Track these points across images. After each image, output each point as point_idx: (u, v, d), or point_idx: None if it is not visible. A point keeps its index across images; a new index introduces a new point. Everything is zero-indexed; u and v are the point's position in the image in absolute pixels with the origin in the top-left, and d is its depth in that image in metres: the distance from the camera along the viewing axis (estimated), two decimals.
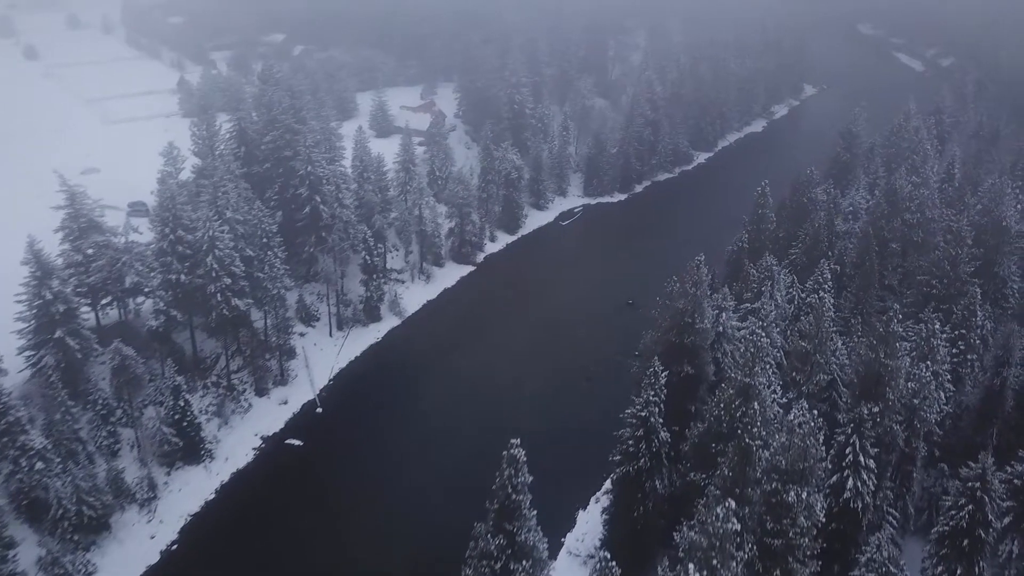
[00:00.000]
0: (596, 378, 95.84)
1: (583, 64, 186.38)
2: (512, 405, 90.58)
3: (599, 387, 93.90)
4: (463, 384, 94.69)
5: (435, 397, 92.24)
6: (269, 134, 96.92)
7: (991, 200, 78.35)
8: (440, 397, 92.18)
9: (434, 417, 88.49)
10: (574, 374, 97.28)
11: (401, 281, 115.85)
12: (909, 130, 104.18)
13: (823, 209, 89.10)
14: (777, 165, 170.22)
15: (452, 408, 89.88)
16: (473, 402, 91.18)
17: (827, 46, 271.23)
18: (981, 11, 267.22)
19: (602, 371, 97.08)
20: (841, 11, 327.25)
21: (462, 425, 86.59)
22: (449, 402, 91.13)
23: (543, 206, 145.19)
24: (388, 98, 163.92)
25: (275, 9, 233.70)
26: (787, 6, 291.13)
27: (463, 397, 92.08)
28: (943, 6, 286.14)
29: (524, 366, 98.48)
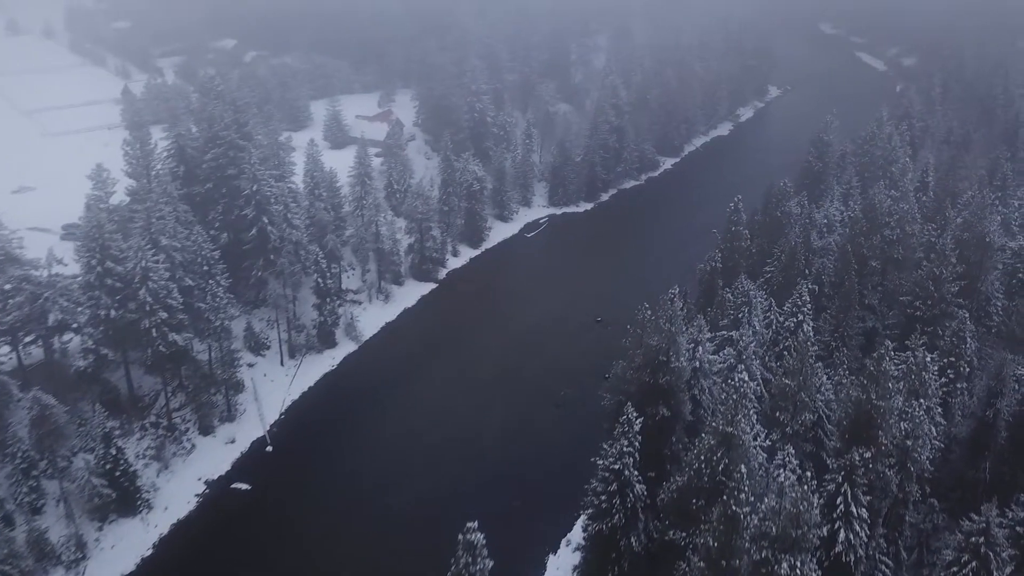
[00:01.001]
0: (565, 403, 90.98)
1: (545, 69, 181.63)
2: (478, 435, 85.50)
3: (569, 413, 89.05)
4: (425, 413, 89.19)
5: (394, 429, 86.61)
6: (211, 151, 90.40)
7: (973, 214, 74.97)
8: (400, 429, 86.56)
9: (393, 453, 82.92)
10: (542, 399, 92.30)
11: (358, 302, 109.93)
12: (882, 138, 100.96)
13: (798, 223, 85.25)
14: (745, 170, 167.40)
15: (413, 442, 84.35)
16: (436, 434, 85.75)
17: (790, 46, 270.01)
18: (940, 11, 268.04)
19: (571, 395, 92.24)
20: (802, 11, 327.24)
21: (424, 461, 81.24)
22: (410, 435, 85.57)
23: (507, 217, 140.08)
24: (344, 106, 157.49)
25: (226, 13, 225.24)
26: (749, 6, 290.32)
27: (425, 429, 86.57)
28: (902, 6, 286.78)
29: (489, 391, 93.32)
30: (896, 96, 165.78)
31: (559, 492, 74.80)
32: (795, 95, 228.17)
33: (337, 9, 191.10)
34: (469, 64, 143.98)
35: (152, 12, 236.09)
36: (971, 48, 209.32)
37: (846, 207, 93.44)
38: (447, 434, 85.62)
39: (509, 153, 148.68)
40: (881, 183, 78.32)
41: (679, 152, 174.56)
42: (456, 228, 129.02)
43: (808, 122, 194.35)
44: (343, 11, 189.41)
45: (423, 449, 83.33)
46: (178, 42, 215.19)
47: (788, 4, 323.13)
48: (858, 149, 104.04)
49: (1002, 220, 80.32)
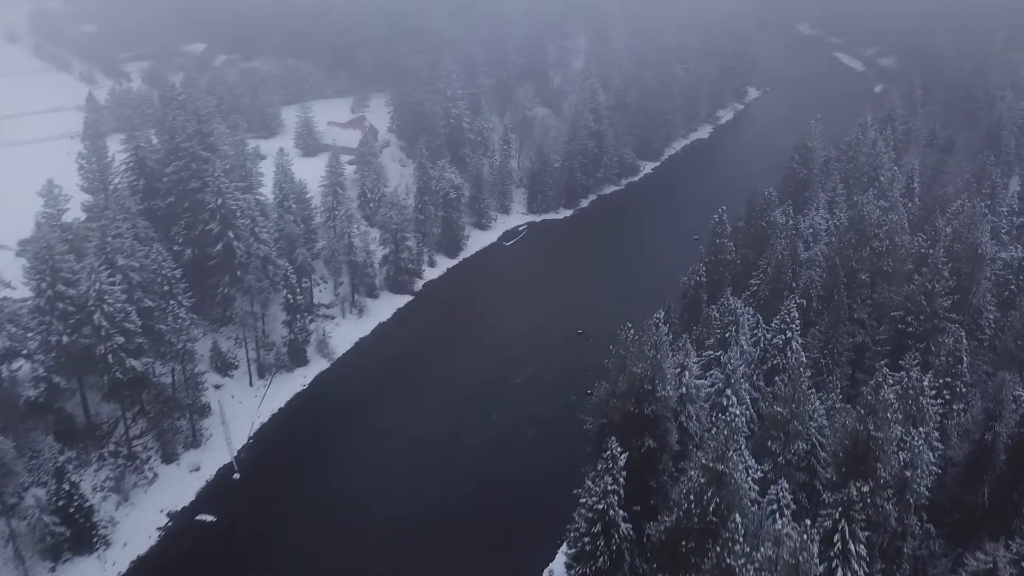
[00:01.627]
0: (546, 424, 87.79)
1: (523, 72, 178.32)
2: (456, 457, 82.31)
3: (550, 432, 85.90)
4: (401, 434, 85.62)
5: (368, 452, 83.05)
6: (172, 164, 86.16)
7: (963, 224, 72.66)
8: (374, 451, 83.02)
9: (367, 477, 79.45)
10: (522, 419, 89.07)
11: (331, 317, 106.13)
12: (867, 143, 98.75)
13: (783, 234, 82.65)
14: (726, 173, 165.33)
15: (388, 465, 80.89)
16: (412, 456, 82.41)
17: (768, 47, 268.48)
18: (915, 11, 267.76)
19: (553, 415, 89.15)
20: (779, 11, 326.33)
21: (400, 485, 77.84)
22: (385, 457, 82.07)
23: (485, 225, 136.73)
24: (316, 112, 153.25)
25: (196, 16, 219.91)
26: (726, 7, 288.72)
27: (401, 450, 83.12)
28: (878, 6, 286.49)
29: (468, 409, 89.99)
30: (877, 97, 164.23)
31: (540, 517, 71.76)
32: (774, 96, 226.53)
33: (308, 12, 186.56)
34: (444, 69, 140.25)
35: (120, 15, 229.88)
36: (948, 48, 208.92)
37: (831, 215, 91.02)
38: (424, 456, 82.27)
39: (487, 159, 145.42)
40: (869, 193, 75.85)
41: (659, 156, 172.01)
42: (433, 237, 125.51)
43: (788, 124, 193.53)
44: (314, 14, 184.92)
45: (399, 472, 79.92)
46: (146, 46, 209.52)
47: (766, 4, 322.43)
48: (842, 155, 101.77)
49: (991, 228, 78.08)
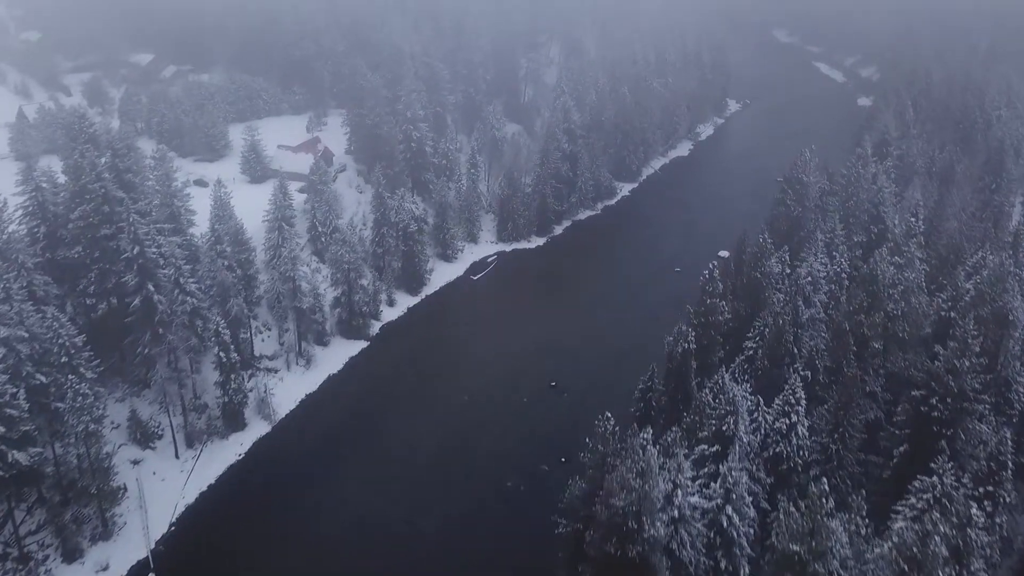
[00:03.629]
0: (515, 500, 77.35)
1: (492, 87, 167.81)
2: (413, 538, 71.59)
3: (518, 515, 75.26)
4: (350, 512, 74.97)
5: (312, 535, 71.99)
6: (78, 208, 74.37)
7: (988, 283, 63.27)
8: (319, 534, 72.03)
9: (311, 566, 68.40)
10: (487, 493, 78.56)
11: (273, 371, 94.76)
12: (867, 178, 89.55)
13: (780, 286, 72.89)
14: (707, 195, 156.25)
15: (335, 549, 70.13)
16: (363, 537, 71.91)
17: (746, 56, 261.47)
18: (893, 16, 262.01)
19: (522, 488, 78.73)
20: (755, 17, 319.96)
21: None
22: (331, 541, 71.27)
23: (451, 257, 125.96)
24: (269, 131, 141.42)
25: (146, 24, 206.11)
26: (700, 13, 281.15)
27: (349, 532, 72.58)
28: (857, 12, 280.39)
29: (426, 482, 79.20)
30: (865, 115, 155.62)
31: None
32: (755, 109, 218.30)
33: (261, 22, 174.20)
34: (404, 88, 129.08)
35: (66, 22, 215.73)
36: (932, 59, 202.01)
37: (831, 259, 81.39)
38: (376, 537, 71.75)
39: (453, 183, 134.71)
40: (883, 249, 66.53)
41: (637, 176, 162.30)
42: (392, 272, 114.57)
43: (769, 140, 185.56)
44: (267, 23, 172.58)
45: (347, 559, 69.14)
46: (92, 55, 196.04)
47: (741, 11, 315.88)
48: (840, 189, 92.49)
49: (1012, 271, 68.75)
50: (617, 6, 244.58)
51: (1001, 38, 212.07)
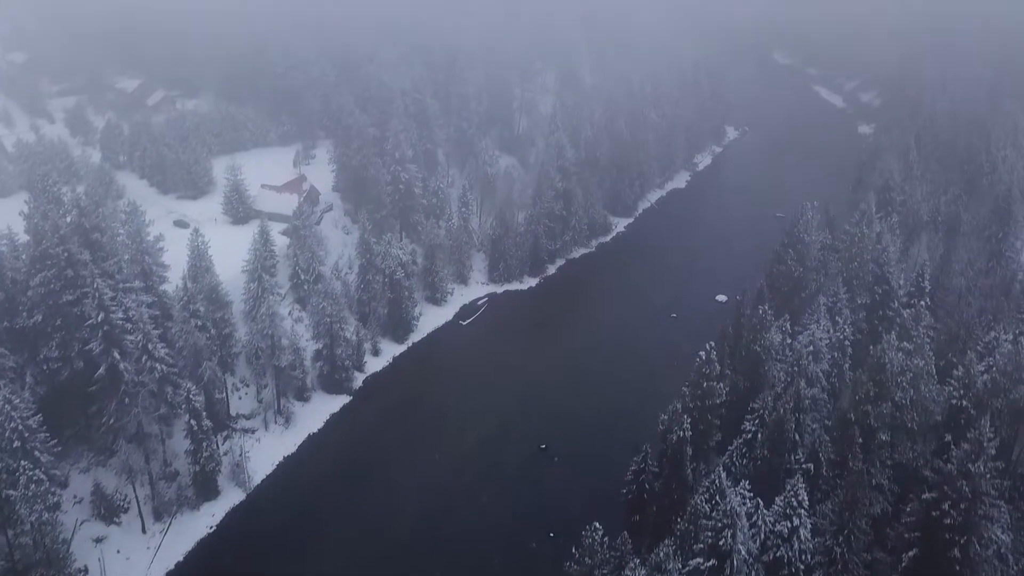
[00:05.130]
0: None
1: (485, 119, 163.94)
2: None
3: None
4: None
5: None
6: (39, 274, 70.30)
7: (1003, 372, 59.36)
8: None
9: None
10: (474, 572, 74.37)
11: (251, 431, 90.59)
12: (871, 238, 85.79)
13: (781, 359, 68.98)
14: (704, 231, 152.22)
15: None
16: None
17: (745, 79, 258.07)
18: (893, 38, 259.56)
19: (510, 568, 74.58)
20: (755, 40, 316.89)
21: None
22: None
23: (440, 300, 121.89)
24: (255, 163, 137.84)
25: (136, 48, 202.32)
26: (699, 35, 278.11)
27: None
28: (857, 35, 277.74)
29: (408, 558, 74.98)
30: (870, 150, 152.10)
31: None
32: (753, 137, 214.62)
33: (250, 49, 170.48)
34: (392, 127, 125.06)
35: (53, 43, 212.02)
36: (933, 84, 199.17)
37: (833, 325, 77.53)
38: None
39: (443, 221, 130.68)
40: (892, 335, 62.74)
41: (632, 211, 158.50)
42: (377, 319, 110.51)
43: (768, 172, 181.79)
44: (256, 51, 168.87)
45: None
46: (79, 79, 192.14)
47: (740, 33, 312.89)
48: (842, 247, 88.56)
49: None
50: (613, 32, 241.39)
51: (1006, 68, 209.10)
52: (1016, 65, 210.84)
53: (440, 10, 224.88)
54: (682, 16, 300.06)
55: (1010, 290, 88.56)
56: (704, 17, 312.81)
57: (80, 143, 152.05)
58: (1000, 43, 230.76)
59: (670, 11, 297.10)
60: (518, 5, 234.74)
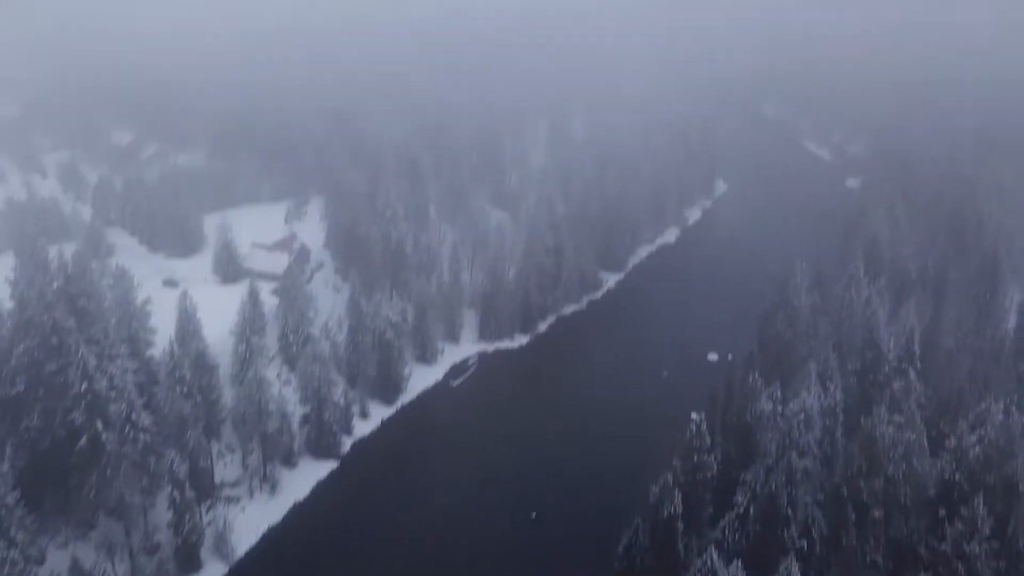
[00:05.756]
0: None
1: (476, 172, 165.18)
2: None
3: None
4: None
5: None
6: (23, 343, 69.58)
7: (994, 447, 58.85)
8: None
9: None
10: None
11: (235, 499, 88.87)
12: (859, 302, 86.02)
13: (773, 436, 68.34)
14: (694, 288, 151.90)
15: None
16: None
17: (734, 132, 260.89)
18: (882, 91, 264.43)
19: None
20: (744, 91, 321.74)
21: None
22: None
23: (430, 359, 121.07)
24: (247, 219, 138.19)
25: (129, 101, 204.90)
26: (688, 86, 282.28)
27: None
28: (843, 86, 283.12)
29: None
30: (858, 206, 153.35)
31: None
32: (742, 190, 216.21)
33: (243, 103, 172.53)
34: (384, 183, 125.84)
35: (48, 97, 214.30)
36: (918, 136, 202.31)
37: (824, 391, 77.06)
38: None
39: (435, 277, 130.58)
40: (882, 410, 62.48)
41: (623, 266, 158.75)
42: (366, 380, 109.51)
43: (757, 227, 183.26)
44: (249, 105, 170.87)
45: None
46: (74, 131, 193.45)
47: (728, 84, 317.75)
48: (833, 310, 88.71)
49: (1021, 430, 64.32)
50: (604, 84, 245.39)
51: (989, 120, 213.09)
52: (1001, 115, 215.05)
53: (431, 64, 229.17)
54: (671, 69, 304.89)
55: (1000, 352, 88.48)
56: (693, 69, 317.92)
57: (72, 199, 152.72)
58: (985, 94, 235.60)
59: (660, 64, 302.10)
60: (509, 59, 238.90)
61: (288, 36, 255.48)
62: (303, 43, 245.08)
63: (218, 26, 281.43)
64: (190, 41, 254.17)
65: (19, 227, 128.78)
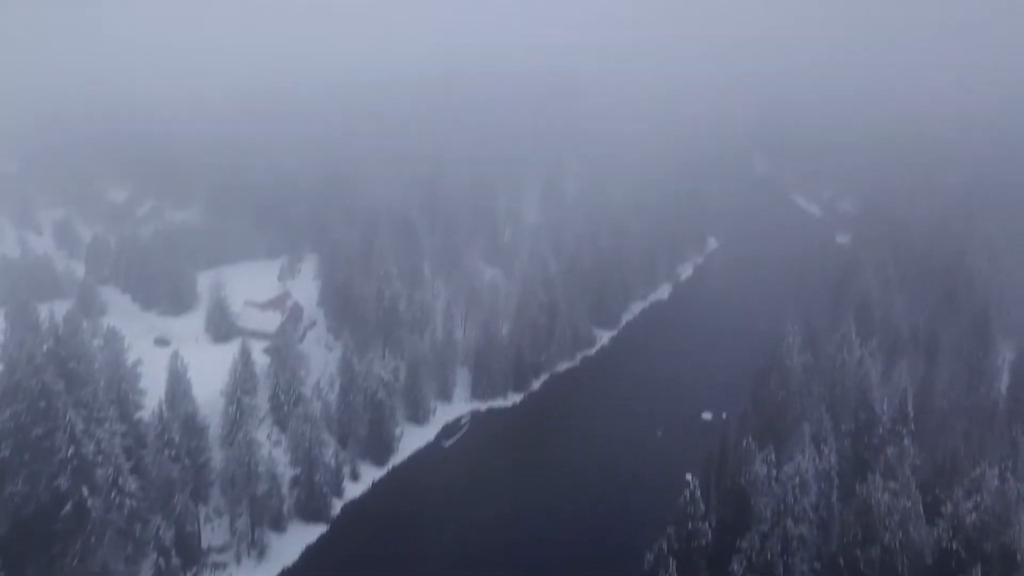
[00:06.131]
0: None
1: (470, 229, 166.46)
2: None
3: None
4: None
5: None
6: (10, 407, 68.91)
7: (990, 513, 58.29)
8: None
9: None
10: None
11: (222, 565, 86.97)
12: (852, 363, 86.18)
13: (767, 500, 67.60)
14: (687, 344, 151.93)
15: None
16: None
17: (724, 188, 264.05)
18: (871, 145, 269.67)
19: None
20: (734, 147, 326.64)
21: None
22: None
23: (422, 419, 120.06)
24: (241, 277, 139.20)
25: (125, 158, 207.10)
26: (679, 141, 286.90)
27: None
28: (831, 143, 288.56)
29: None
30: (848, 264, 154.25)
31: None
32: (734, 246, 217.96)
33: (238, 161, 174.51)
34: (378, 242, 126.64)
35: (45, 154, 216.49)
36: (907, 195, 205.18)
37: (819, 454, 76.57)
38: None
39: (428, 335, 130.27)
40: (876, 477, 62.14)
41: (616, 323, 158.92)
42: (357, 440, 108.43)
43: (748, 280, 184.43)
44: (244, 163, 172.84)
45: None
46: (70, 187, 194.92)
47: (718, 140, 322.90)
48: (825, 371, 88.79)
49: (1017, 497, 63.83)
50: (596, 142, 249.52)
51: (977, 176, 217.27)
52: (989, 172, 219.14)
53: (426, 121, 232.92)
54: (662, 126, 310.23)
55: (994, 413, 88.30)
56: (684, 126, 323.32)
57: (66, 256, 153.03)
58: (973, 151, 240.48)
59: (651, 121, 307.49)
60: (502, 117, 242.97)
61: (283, 94, 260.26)
62: (298, 101, 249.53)
63: (214, 84, 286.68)
64: (186, 99, 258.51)
65: (11, 286, 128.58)
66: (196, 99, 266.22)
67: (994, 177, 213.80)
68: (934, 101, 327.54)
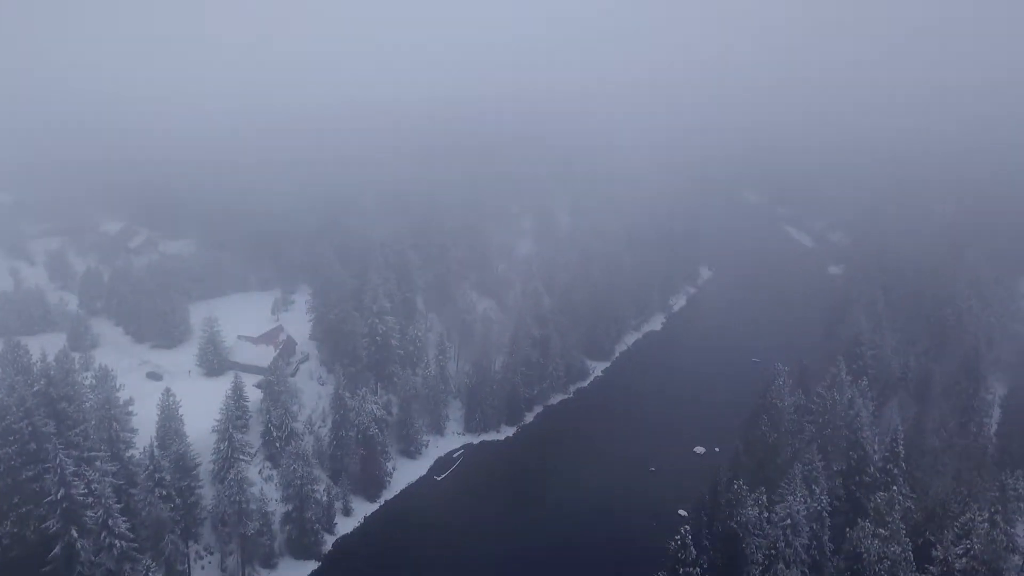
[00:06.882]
0: None
1: (464, 264, 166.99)
2: None
3: None
4: None
5: None
6: (0, 450, 68.64)
7: (982, 556, 58.44)
8: None
9: None
10: None
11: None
12: (843, 404, 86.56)
13: (759, 543, 67.55)
14: (681, 376, 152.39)
15: None
16: None
17: (717, 219, 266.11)
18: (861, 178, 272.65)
19: None
20: (726, 178, 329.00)
21: None
22: None
23: (415, 453, 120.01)
24: (234, 309, 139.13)
25: (119, 189, 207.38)
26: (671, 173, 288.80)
27: None
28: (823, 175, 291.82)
29: None
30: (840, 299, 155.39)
31: None
32: (726, 278, 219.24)
33: (232, 194, 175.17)
34: (371, 279, 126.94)
35: (39, 185, 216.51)
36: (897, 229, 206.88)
37: (811, 494, 76.64)
38: None
39: (420, 369, 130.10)
40: (866, 523, 62.28)
41: (609, 355, 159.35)
42: (350, 476, 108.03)
43: (741, 312, 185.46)
44: (239, 195, 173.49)
45: None
46: (63, 219, 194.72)
47: (710, 171, 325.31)
48: (817, 410, 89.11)
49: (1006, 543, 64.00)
50: (589, 175, 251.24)
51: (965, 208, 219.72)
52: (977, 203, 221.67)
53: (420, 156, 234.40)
54: (655, 159, 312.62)
55: (984, 455, 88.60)
56: (676, 158, 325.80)
57: (58, 288, 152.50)
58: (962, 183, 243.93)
59: (643, 154, 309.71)
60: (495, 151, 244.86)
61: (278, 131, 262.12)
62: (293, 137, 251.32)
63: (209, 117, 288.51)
64: (181, 131, 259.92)
65: (2, 320, 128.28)
66: (190, 127, 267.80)
67: (983, 206, 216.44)
68: (924, 134, 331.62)
